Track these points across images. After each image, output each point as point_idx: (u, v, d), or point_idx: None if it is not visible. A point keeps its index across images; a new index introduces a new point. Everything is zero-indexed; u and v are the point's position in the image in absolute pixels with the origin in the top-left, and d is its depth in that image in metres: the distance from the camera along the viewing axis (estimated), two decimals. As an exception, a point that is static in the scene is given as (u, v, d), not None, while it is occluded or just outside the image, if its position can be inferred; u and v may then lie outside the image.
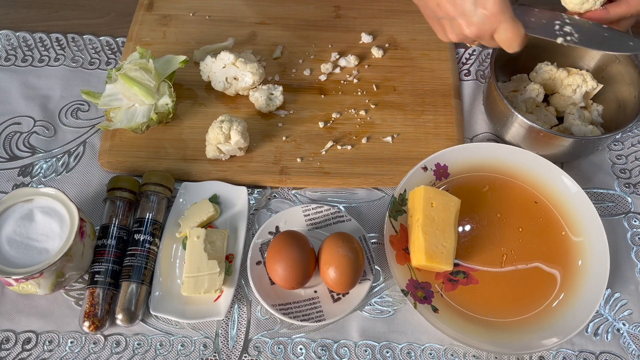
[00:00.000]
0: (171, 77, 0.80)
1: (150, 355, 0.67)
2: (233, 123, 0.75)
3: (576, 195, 0.74)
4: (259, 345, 0.68)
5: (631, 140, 0.84)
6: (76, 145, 0.80)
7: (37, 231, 0.65)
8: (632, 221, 0.77)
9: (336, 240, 0.66)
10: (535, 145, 0.76)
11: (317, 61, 0.88)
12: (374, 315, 0.70)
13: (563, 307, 0.69)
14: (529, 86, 0.80)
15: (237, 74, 0.80)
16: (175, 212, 0.73)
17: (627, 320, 0.71)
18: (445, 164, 0.76)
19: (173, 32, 0.90)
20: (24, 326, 0.68)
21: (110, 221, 0.71)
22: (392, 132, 0.81)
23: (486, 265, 0.72)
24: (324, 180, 0.78)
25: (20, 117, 0.82)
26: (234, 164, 0.78)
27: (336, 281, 0.65)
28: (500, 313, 0.69)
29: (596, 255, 0.71)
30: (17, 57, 0.88)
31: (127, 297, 0.67)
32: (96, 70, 0.87)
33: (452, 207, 0.70)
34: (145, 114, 0.76)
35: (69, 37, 0.90)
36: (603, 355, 0.68)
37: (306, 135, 0.81)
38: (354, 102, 0.84)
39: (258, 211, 0.76)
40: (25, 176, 0.77)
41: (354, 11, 0.93)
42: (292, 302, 0.68)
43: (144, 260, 0.69)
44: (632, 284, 0.73)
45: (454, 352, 0.68)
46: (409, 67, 0.88)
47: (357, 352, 0.68)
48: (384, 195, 0.78)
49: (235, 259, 0.70)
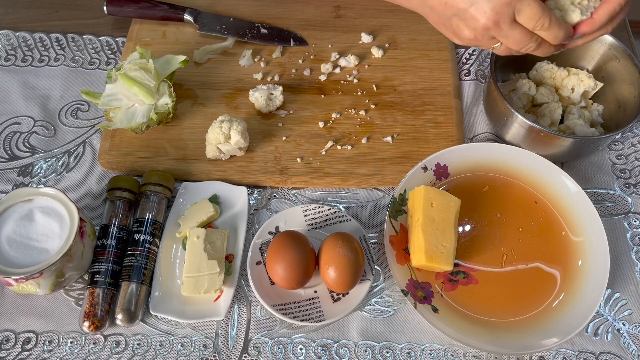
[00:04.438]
0: (171, 77, 0.80)
1: (150, 355, 0.67)
2: (233, 123, 0.75)
3: (576, 195, 0.74)
4: (259, 345, 0.68)
5: (631, 140, 0.84)
6: (76, 145, 0.80)
7: (37, 231, 0.65)
8: (632, 221, 0.77)
9: (336, 240, 0.66)
10: (535, 145, 0.76)
11: (317, 61, 0.88)
12: (374, 315, 0.70)
13: (563, 307, 0.69)
14: (518, 83, 0.80)
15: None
16: (175, 212, 0.73)
17: (627, 320, 0.71)
18: (445, 164, 0.76)
19: (173, 32, 0.90)
20: (23, 326, 0.68)
21: (110, 221, 0.71)
22: (392, 132, 0.81)
23: (486, 265, 0.72)
24: (324, 180, 0.78)
25: (20, 117, 0.82)
26: (234, 164, 0.78)
27: (336, 281, 0.65)
28: (500, 313, 0.69)
29: (596, 255, 0.71)
30: (17, 57, 0.88)
31: (127, 297, 0.67)
32: (96, 70, 0.87)
33: (452, 207, 0.70)
34: (145, 114, 0.76)
35: (69, 37, 0.90)
36: (603, 355, 0.68)
37: (306, 135, 0.81)
38: (354, 102, 0.84)
39: (258, 211, 0.76)
40: (25, 176, 0.77)
41: (354, 11, 0.93)
42: (292, 302, 0.68)
43: (143, 260, 0.69)
44: (632, 284, 0.73)
45: (454, 352, 0.68)
46: (409, 67, 0.88)
47: (357, 352, 0.68)
48: (384, 195, 0.78)
49: (235, 259, 0.70)
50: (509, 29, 0.61)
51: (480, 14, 0.60)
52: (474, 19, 0.61)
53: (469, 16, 0.61)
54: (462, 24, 0.63)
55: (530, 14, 0.59)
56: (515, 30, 0.61)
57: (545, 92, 0.80)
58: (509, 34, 0.62)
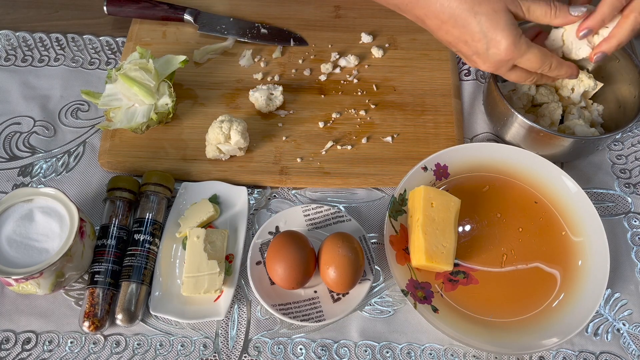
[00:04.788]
0: (171, 77, 0.80)
1: (150, 355, 0.67)
2: (233, 123, 0.75)
3: (576, 195, 0.74)
4: (259, 345, 0.68)
5: (631, 140, 0.84)
6: (76, 145, 0.80)
7: (37, 231, 0.65)
8: (632, 221, 0.77)
9: (336, 240, 0.66)
10: (535, 145, 0.76)
11: (317, 61, 0.88)
12: (374, 315, 0.70)
13: (563, 307, 0.69)
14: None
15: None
16: (175, 212, 0.73)
17: (627, 320, 0.71)
18: (445, 164, 0.76)
19: (173, 32, 0.90)
20: (23, 326, 0.68)
21: (110, 221, 0.71)
22: (392, 132, 0.81)
23: (486, 265, 0.72)
24: (324, 180, 0.78)
25: (20, 117, 0.82)
26: (234, 164, 0.78)
27: (336, 281, 0.65)
28: (500, 313, 0.69)
29: (596, 255, 0.71)
30: (17, 57, 0.88)
31: (127, 297, 0.67)
32: (96, 70, 0.87)
33: (452, 207, 0.70)
34: (145, 114, 0.76)
35: (69, 37, 0.90)
36: (603, 355, 0.68)
37: (306, 135, 0.81)
38: (354, 102, 0.84)
39: (258, 211, 0.76)
40: (25, 176, 0.77)
41: (354, 11, 0.93)
42: (292, 302, 0.68)
43: (143, 260, 0.69)
44: (632, 284, 0.73)
45: (454, 352, 0.68)
46: (409, 67, 0.88)
47: (357, 352, 0.68)
48: (384, 195, 0.78)
49: (235, 259, 0.70)
50: (507, 73, 0.68)
51: (481, 61, 0.67)
52: (475, 64, 0.68)
53: (471, 60, 0.69)
54: (464, 59, 0.70)
55: (531, 64, 0.66)
56: (514, 74, 0.68)
57: (545, 92, 0.80)
58: (509, 75, 0.69)
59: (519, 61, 0.65)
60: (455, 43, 0.67)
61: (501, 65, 0.66)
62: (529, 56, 0.64)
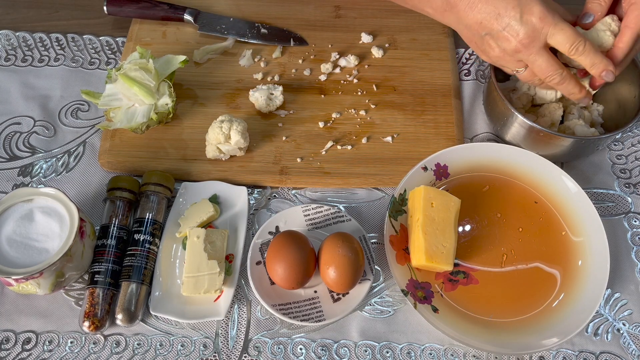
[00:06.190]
0: (171, 77, 0.80)
1: (150, 355, 0.67)
2: (233, 123, 0.75)
3: (576, 195, 0.74)
4: (259, 345, 0.68)
5: (631, 140, 0.84)
6: (76, 145, 0.80)
7: (37, 231, 0.65)
8: (632, 221, 0.77)
9: (336, 240, 0.66)
10: (535, 145, 0.76)
11: (317, 61, 0.88)
12: (374, 315, 0.70)
13: (563, 307, 0.69)
14: (518, 83, 0.80)
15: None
16: (175, 212, 0.73)
17: (627, 320, 0.71)
18: (445, 164, 0.76)
19: (173, 32, 0.90)
20: (23, 326, 0.68)
21: (110, 221, 0.71)
22: (392, 132, 0.81)
23: (486, 265, 0.72)
24: (324, 180, 0.78)
25: (20, 117, 0.82)
26: (234, 164, 0.78)
27: (336, 281, 0.65)
28: (500, 313, 0.69)
29: (596, 255, 0.71)
30: (17, 57, 0.88)
31: (127, 297, 0.67)
32: (96, 70, 0.87)
33: (452, 207, 0.70)
34: (145, 114, 0.76)
35: (69, 37, 0.90)
36: (603, 355, 0.68)
37: (306, 135, 0.81)
38: (354, 102, 0.84)
39: (258, 211, 0.76)
40: (25, 176, 0.77)
41: (354, 11, 0.93)
42: (292, 302, 0.68)
43: (143, 260, 0.69)
44: (632, 284, 0.73)
45: (454, 352, 0.68)
46: (409, 67, 0.88)
47: (357, 352, 0.68)
48: (384, 195, 0.78)
49: (235, 259, 0.70)
50: (538, 53, 0.64)
51: (512, 35, 0.63)
52: (506, 40, 0.63)
53: (501, 37, 0.64)
54: (493, 43, 0.66)
55: (564, 36, 0.62)
56: (542, 57, 0.64)
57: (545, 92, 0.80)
58: (537, 58, 0.64)
59: (551, 33, 0.62)
60: (487, 21, 0.64)
61: (534, 37, 0.62)
62: (562, 26, 0.61)
